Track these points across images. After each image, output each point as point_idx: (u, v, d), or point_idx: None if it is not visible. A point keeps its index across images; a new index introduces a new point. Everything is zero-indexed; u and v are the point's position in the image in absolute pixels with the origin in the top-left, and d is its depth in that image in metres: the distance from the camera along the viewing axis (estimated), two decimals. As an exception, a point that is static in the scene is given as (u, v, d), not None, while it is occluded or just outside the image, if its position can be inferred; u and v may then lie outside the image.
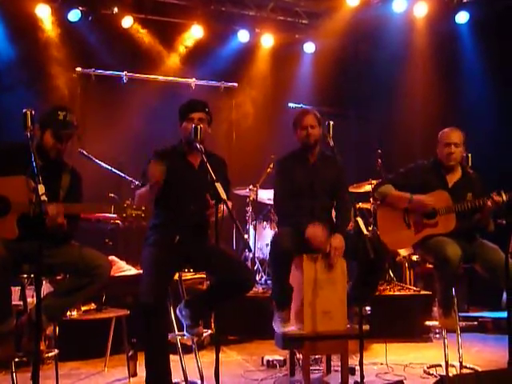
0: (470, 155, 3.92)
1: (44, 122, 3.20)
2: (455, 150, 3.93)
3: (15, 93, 6.20)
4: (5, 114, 5.78)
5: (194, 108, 3.53)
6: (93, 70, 6.80)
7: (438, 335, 5.09)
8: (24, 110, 2.94)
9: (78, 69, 6.75)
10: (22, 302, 3.37)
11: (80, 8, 6.54)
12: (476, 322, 5.47)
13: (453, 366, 3.88)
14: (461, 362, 3.85)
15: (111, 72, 6.89)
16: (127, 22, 6.77)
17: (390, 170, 4.71)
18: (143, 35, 6.97)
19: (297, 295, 3.66)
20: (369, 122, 7.88)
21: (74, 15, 6.53)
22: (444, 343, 3.84)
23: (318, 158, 3.87)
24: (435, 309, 4.41)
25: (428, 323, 5.03)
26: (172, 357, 3.37)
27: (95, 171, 5.33)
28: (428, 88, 7.16)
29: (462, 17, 6.91)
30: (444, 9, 6.93)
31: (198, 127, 3.30)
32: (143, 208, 3.13)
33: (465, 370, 3.86)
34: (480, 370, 3.88)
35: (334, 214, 3.93)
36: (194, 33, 7.10)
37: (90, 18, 6.62)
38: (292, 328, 3.65)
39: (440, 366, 4.01)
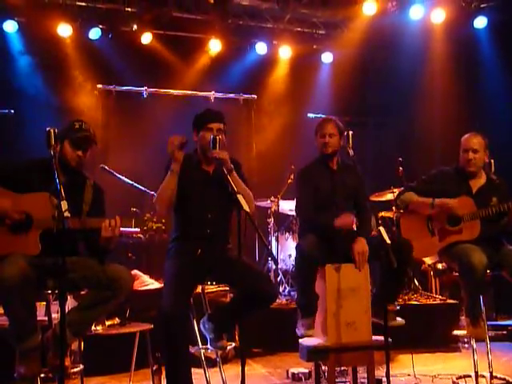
0: (492, 161, 3.85)
1: (62, 135, 3.24)
2: (473, 156, 3.88)
3: (39, 110, 6.32)
4: (29, 131, 5.88)
5: (214, 118, 3.53)
6: (113, 86, 6.91)
7: (466, 345, 5.00)
8: (47, 129, 2.99)
9: (99, 86, 6.86)
10: (46, 318, 3.40)
11: (100, 26, 6.66)
12: (505, 331, 5.37)
13: (483, 376, 3.80)
14: (491, 372, 3.77)
15: (132, 88, 6.99)
16: (146, 38, 6.87)
17: (412, 177, 4.66)
18: (162, 51, 7.05)
19: (320, 306, 3.63)
20: (389, 130, 7.85)
21: (95, 33, 6.65)
22: (473, 353, 3.76)
23: (338, 167, 3.87)
24: (463, 318, 4.34)
25: (456, 332, 4.94)
26: (196, 370, 3.37)
27: (117, 186, 5.38)
28: (447, 94, 7.11)
29: (480, 22, 6.86)
30: (462, 14, 6.88)
31: (217, 138, 3.32)
32: (163, 220, 3.15)
33: (495, 381, 3.79)
34: (511, 380, 3.80)
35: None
36: (213, 47, 7.16)
37: (110, 36, 6.73)
38: (318, 340, 3.61)
39: (469, 376, 3.93)
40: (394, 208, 5.57)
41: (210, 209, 3.47)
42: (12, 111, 6.03)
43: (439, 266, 4.14)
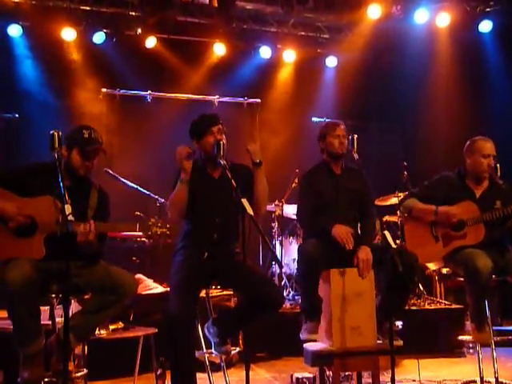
0: (498, 165, 3.85)
1: (70, 142, 3.26)
2: (493, 161, 3.88)
3: (43, 114, 6.33)
4: (34, 135, 5.89)
5: (212, 122, 3.54)
6: (117, 90, 6.91)
7: (471, 350, 4.97)
8: (51, 132, 3.00)
9: (104, 89, 6.87)
10: (50, 322, 3.40)
11: (104, 30, 6.68)
12: (511, 337, 5.32)
13: (488, 382, 3.77)
14: (496, 378, 3.74)
15: (136, 92, 7.00)
16: (150, 42, 6.89)
17: (416, 181, 4.65)
18: (166, 54, 7.07)
19: (325, 311, 3.61)
20: (393, 134, 7.83)
21: (99, 37, 6.67)
22: (478, 358, 3.74)
23: (342, 170, 3.85)
24: (468, 323, 4.31)
25: (461, 338, 4.90)
26: (200, 375, 3.36)
27: (121, 190, 5.38)
28: (452, 98, 7.09)
29: (486, 26, 6.85)
30: (467, 18, 6.87)
31: (221, 142, 3.35)
32: (168, 225, 3.16)
33: (501, 386, 3.76)
34: (516, 385, 3.78)
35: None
36: (217, 51, 7.18)
37: (114, 40, 6.75)
38: (323, 345, 3.59)
39: (475, 382, 3.90)
40: (398, 212, 5.55)
41: (217, 213, 3.48)
42: (16, 115, 6.05)
43: (444, 270, 4.10)
